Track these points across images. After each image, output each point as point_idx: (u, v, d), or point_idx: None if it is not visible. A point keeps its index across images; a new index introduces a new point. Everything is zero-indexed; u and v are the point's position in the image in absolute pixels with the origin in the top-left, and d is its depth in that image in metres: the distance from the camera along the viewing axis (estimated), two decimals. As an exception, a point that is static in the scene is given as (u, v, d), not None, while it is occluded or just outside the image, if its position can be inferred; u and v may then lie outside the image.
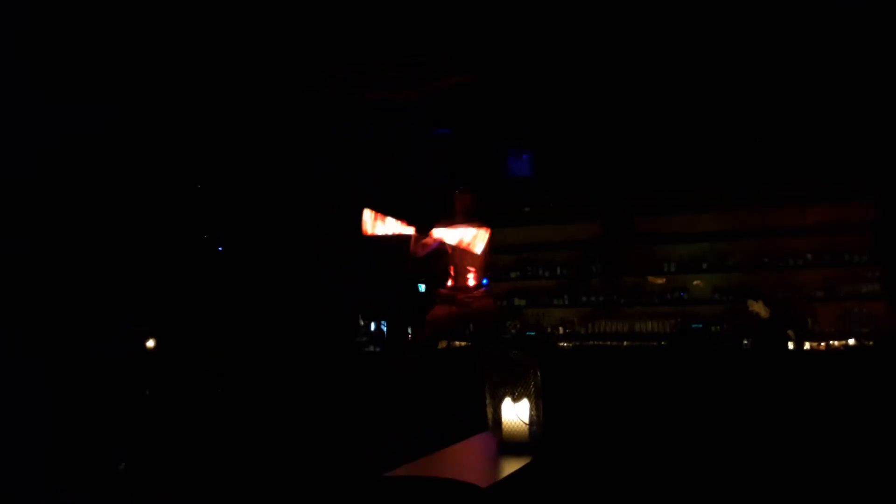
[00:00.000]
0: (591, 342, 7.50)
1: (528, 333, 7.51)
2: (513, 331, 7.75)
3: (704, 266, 7.30)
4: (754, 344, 6.38)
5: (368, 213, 5.08)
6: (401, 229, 5.12)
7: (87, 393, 5.33)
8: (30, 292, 5.33)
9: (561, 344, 7.56)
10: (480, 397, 3.06)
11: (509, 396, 2.92)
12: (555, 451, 2.95)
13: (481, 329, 5.95)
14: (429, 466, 2.68)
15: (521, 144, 7.62)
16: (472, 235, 5.09)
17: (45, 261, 5.48)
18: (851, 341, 6.40)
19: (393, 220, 5.10)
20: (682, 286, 7.40)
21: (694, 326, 6.85)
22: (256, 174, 7.20)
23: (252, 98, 6.24)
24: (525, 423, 2.87)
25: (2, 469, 4.06)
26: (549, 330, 7.74)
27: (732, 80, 6.20)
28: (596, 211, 7.86)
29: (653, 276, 7.51)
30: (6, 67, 4.73)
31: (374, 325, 7.61)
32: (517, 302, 8.04)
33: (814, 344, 6.44)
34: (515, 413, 2.89)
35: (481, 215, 5.44)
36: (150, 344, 6.43)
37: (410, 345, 5.51)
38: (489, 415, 3.00)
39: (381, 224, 5.09)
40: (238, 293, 7.18)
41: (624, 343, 7.35)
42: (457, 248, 5.27)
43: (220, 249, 7.50)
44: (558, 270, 7.94)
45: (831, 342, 6.44)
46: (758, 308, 6.33)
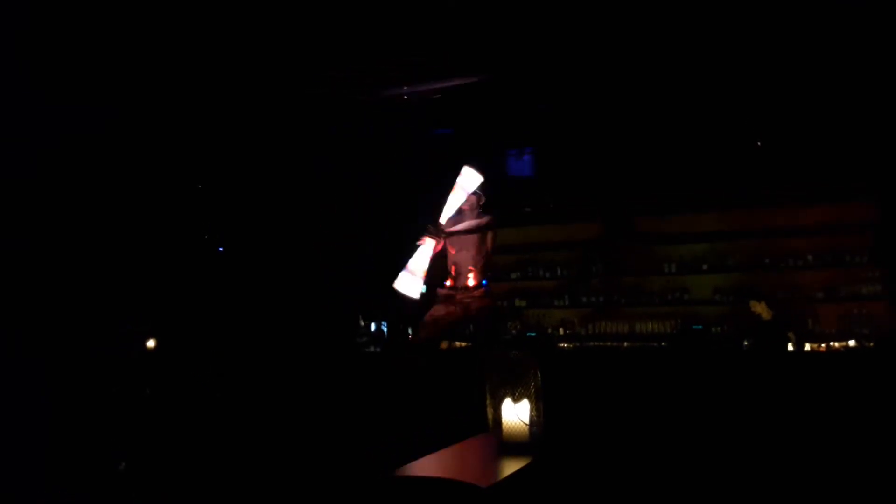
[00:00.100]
0: (592, 343, 7.49)
1: (529, 334, 7.50)
2: (513, 331, 7.74)
3: (705, 267, 7.29)
4: (754, 345, 6.37)
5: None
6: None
7: (87, 393, 5.33)
8: (30, 292, 5.32)
9: (561, 345, 7.55)
10: (481, 398, 3.06)
11: (510, 397, 2.92)
12: (555, 452, 2.95)
13: (481, 329, 5.93)
14: (430, 467, 2.68)
15: (522, 145, 7.62)
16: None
17: (45, 261, 5.48)
18: (852, 342, 6.39)
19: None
20: (683, 286, 7.40)
21: (694, 327, 6.85)
22: (257, 174, 7.20)
23: (252, 98, 6.24)
24: (525, 424, 2.87)
25: (2, 469, 4.05)
26: (550, 331, 7.73)
27: (732, 81, 6.20)
28: (596, 211, 7.85)
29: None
30: (6, 67, 4.73)
31: (375, 326, 7.60)
32: (518, 302, 8.03)
33: (814, 345, 6.42)
34: (516, 413, 2.89)
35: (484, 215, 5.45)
36: (151, 344, 6.43)
37: (410, 345, 5.49)
38: (489, 415, 3.00)
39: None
40: (238, 293, 7.18)
41: (624, 344, 7.33)
42: (457, 249, 5.27)
43: (221, 250, 7.50)
44: (559, 271, 7.93)
45: (832, 343, 6.42)
46: (760, 309, 6.32)
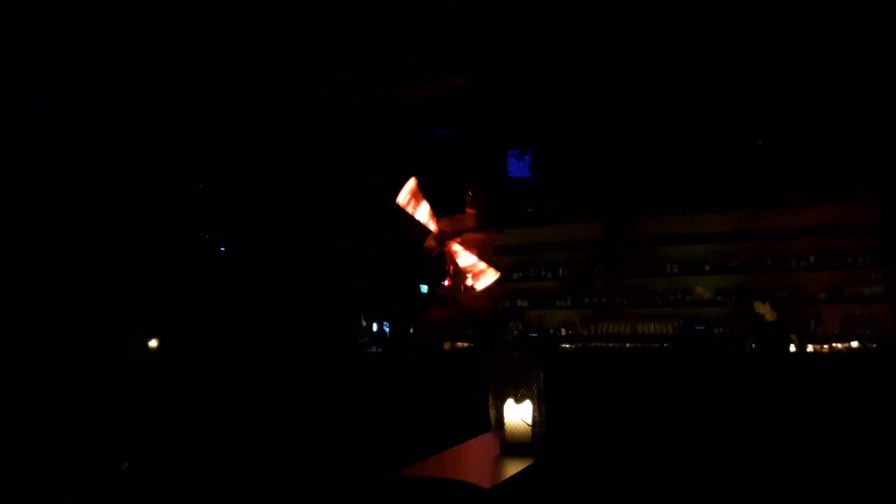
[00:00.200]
0: (594, 344, 7.47)
1: (531, 335, 7.49)
2: (515, 332, 7.73)
3: (707, 268, 7.26)
4: (757, 346, 6.36)
5: (412, 184, 4.84)
6: (426, 220, 4.94)
7: (87, 393, 5.33)
8: (30, 292, 5.32)
9: (563, 345, 7.54)
10: (483, 398, 3.05)
11: (512, 398, 2.91)
12: (557, 453, 2.94)
13: (482, 330, 5.92)
14: (432, 467, 2.67)
15: (523, 145, 7.60)
16: (482, 270, 5.04)
17: (45, 261, 5.47)
18: (854, 343, 6.37)
19: (427, 208, 4.92)
20: (685, 288, 7.38)
21: (697, 328, 6.83)
22: (257, 174, 7.19)
23: (252, 98, 6.23)
24: (528, 425, 2.86)
25: (2, 469, 4.05)
26: (552, 331, 7.71)
27: (735, 81, 6.19)
28: (598, 212, 7.83)
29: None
30: (6, 67, 4.72)
31: (377, 326, 7.60)
32: (519, 303, 8.01)
33: (817, 346, 6.42)
34: (518, 414, 2.87)
35: (486, 216, 5.44)
36: (153, 344, 6.43)
37: (411, 345, 5.47)
38: (492, 416, 2.99)
39: (415, 204, 4.88)
40: (239, 294, 7.17)
41: (626, 345, 7.32)
42: (443, 242, 5.24)
43: (223, 250, 7.49)
44: (560, 272, 7.91)
45: (834, 344, 6.42)
46: (764, 310, 6.31)
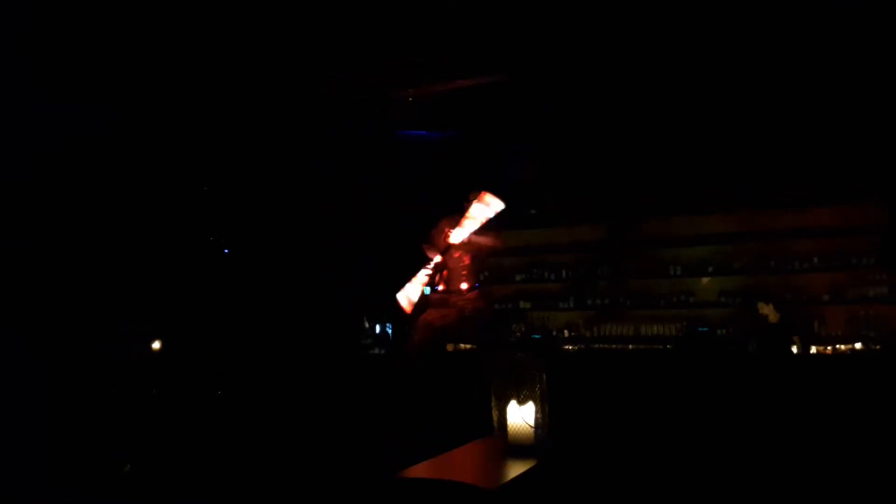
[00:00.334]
0: (597, 345, 7.45)
1: (534, 336, 7.47)
2: (518, 334, 7.71)
3: (710, 269, 7.25)
4: (758, 347, 6.34)
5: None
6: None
7: (87, 393, 5.32)
8: (30, 292, 5.31)
9: (566, 347, 7.52)
10: (486, 400, 3.03)
11: (515, 399, 2.89)
12: (560, 454, 2.92)
13: (477, 331, 5.90)
14: (435, 469, 2.65)
15: (527, 147, 7.58)
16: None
17: (45, 261, 5.46)
18: (858, 345, 6.36)
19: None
20: (689, 289, 7.35)
21: (700, 330, 6.81)
22: (257, 175, 7.18)
23: (252, 98, 6.22)
24: (530, 426, 2.84)
25: (2, 469, 4.04)
26: (555, 333, 7.70)
27: (739, 83, 6.17)
28: (602, 214, 7.82)
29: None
30: (6, 67, 4.71)
31: (379, 328, 7.58)
32: (522, 305, 7.99)
33: (820, 347, 6.40)
34: (521, 416, 2.85)
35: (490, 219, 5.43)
36: (156, 346, 6.42)
37: (405, 348, 5.47)
38: (495, 417, 2.97)
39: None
40: (241, 294, 7.16)
41: (629, 346, 7.30)
42: (447, 254, 5.27)
43: (226, 251, 7.48)
44: (564, 273, 7.89)
45: (838, 346, 6.40)
46: (767, 311, 6.29)
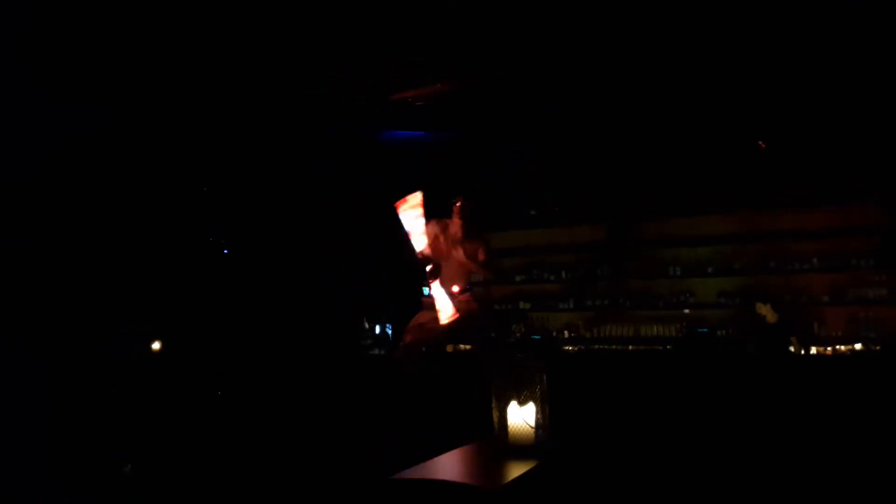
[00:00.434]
0: (597, 346, 7.46)
1: (534, 337, 7.47)
2: (518, 334, 7.71)
3: (710, 270, 7.25)
4: (756, 348, 6.34)
5: (417, 199, 5.02)
6: (415, 234, 5.08)
7: (87, 393, 5.32)
8: (30, 292, 5.31)
9: (566, 348, 7.52)
10: (486, 401, 3.02)
11: (515, 400, 2.89)
12: (561, 455, 2.92)
13: (471, 333, 5.90)
14: (435, 470, 2.65)
15: (527, 147, 7.57)
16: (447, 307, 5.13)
17: (45, 261, 5.46)
18: (858, 346, 6.36)
19: (421, 224, 5.07)
20: (688, 290, 7.36)
21: (700, 330, 6.82)
22: (257, 175, 7.17)
23: (252, 98, 6.21)
24: (531, 427, 2.84)
25: (2, 469, 4.03)
26: (555, 333, 7.70)
27: (739, 84, 6.16)
28: (601, 214, 7.82)
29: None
30: (6, 67, 4.71)
31: (379, 328, 7.58)
32: (522, 305, 7.99)
33: (820, 348, 6.40)
34: (521, 416, 2.85)
35: (487, 220, 5.43)
36: (156, 346, 6.42)
37: (399, 349, 5.48)
38: (495, 418, 2.97)
39: (411, 215, 5.06)
40: (241, 295, 7.16)
41: (629, 347, 7.30)
42: (437, 259, 5.29)
43: (226, 252, 7.47)
44: (563, 274, 7.89)
45: (838, 347, 6.40)
46: (765, 311, 6.29)
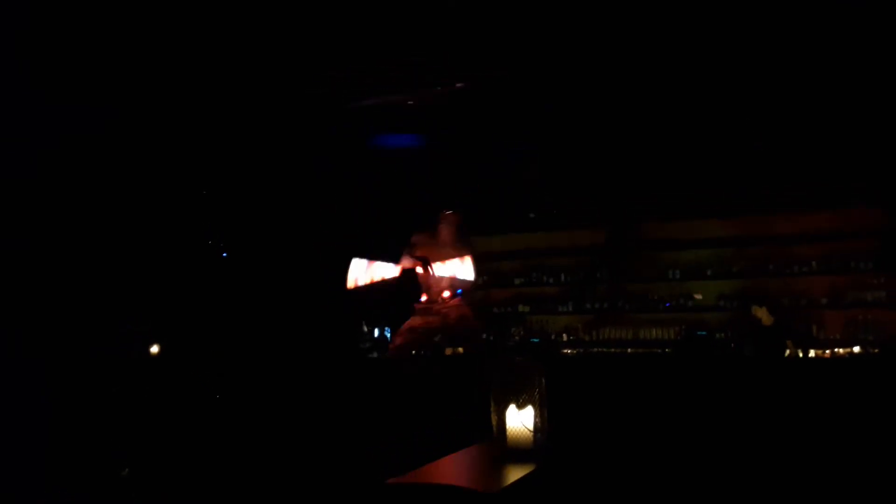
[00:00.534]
0: (596, 349, 7.46)
1: (533, 340, 7.48)
2: (517, 337, 7.72)
3: (709, 273, 7.26)
4: (752, 351, 6.34)
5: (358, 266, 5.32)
6: (389, 272, 5.35)
7: (87, 393, 5.31)
8: (30, 292, 5.31)
9: (565, 351, 7.52)
10: (484, 404, 3.02)
11: (513, 403, 2.88)
12: (560, 459, 2.92)
13: (463, 338, 5.92)
14: (433, 473, 2.64)
15: (527, 149, 7.57)
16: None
17: (45, 261, 5.46)
18: (857, 349, 6.36)
19: (381, 265, 5.35)
20: (688, 293, 7.36)
21: (699, 333, 6.82)
22: (257, 175, 7.17)
23: (252, 98, 6.21)
24: (529, 430, 2.83)
25: (2, 469, 4.03)
26: (554, 336, 7.70)
27: (738, 86, 6.17)
28: (601, 217, 7.83)
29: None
30: (6, 67, 4.71)
31: (378, 332, 7.57)
32: (521, 308, 8.00)
33: (819, 351, 6.40)
34: (520, 420, 2.85)
35: (486, 221, 5.44)
36: (155, 349, 6.41)
37: (392, 353, 5.52)
38: (493, 422, 2.96)
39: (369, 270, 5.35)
40: (240, 297, 7.15)
41: (628, 350, 7.30)
42: (426, 268, 5.34)
43: (225, 255, 7.47)
44: (563, 277, 7.89)
45: (836, 349, 6.40)
46: (761, 314, 6.29)
